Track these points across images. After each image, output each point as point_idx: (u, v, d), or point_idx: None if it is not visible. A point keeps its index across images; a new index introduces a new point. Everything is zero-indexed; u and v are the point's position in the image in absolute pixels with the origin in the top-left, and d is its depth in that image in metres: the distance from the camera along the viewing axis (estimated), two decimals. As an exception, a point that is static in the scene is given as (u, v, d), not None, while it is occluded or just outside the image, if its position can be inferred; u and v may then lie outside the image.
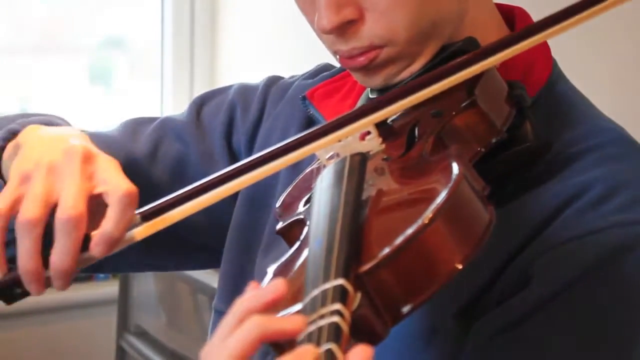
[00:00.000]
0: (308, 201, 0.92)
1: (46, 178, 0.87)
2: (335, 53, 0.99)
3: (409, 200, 0.82)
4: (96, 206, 0.86)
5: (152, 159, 1.17)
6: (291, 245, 0.89)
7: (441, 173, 0.80)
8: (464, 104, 0.90)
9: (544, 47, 1.04)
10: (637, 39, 1.86)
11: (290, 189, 0.99)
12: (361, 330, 0.69)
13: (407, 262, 0.72)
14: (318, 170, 0.95)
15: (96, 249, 0.84)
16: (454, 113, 0.90)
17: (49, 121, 1.06)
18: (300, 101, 1.14)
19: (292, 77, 1.24)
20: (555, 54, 1.06)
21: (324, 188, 0.83)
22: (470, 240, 0.74)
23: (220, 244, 1.18)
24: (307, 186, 0.95)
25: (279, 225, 0.93)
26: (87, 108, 3.11)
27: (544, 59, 1.03)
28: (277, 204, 0.98)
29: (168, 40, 3.00)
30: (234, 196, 1.16)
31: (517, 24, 1.05)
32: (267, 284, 0.73)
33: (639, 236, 0.90)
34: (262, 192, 1.14)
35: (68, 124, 1.16)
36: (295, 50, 2.62)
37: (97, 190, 0.87)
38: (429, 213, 0.72)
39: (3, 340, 2.82)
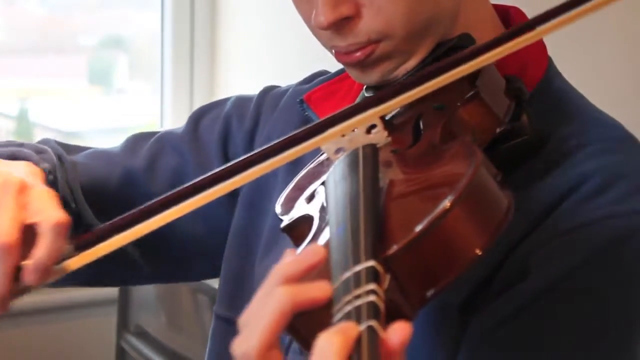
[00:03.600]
0: (311, 198, 0.93)
1: None
2: (331, 49, 1.00)
3: (426, 186, 0.83)
4: (30, 237, 0.88)
5: (150, 173, 1.20)
6: (298, 242, 0.89)
7: (459, 158, 0.81)
8: (467, 96, 0.92)
9: (539, 44, 1.05)
10: (630, 36, 1.86)
11: (291, 187, 0.99)
12: (391, 314, 0.69)
13: (431, 246, 0.73)
14: (321, 169, 0.95)
15: (28, 277, 0.86)
16: (458, 104, 0.92)
17: (13, 154, 1.08)
18: (297, 105, 1.15)
19: (288, 85, 1.25)
20: (550, 53, 1.07)
21: (338, 179, 0.84)
22: (490, 225, 0.75)
23: (220, 251, 1.19)
24: (309, 184, 0.96)
25: (284, 223, 0.94)
26: (87, 108, 3.11)
27: (540, 56, 1.04)
28: (279, 202, 0.98)
29: (168, 40, 3.00)
30: (234, 202, 1.17)
31: (512, 22, 1.06)
32: (301, 251, 0.74)
33: (636, 226, 0.90)
34: (260, 196, 1.15)
35: (50, 149, 1.17)
36: (295, 50, 2.62)
37: (30, 220, 0.88)
38: (451, 197, 0.73)
39: (3, 340, 2.82)
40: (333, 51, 1.00)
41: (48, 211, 0.88)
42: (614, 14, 1.86)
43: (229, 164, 0.88)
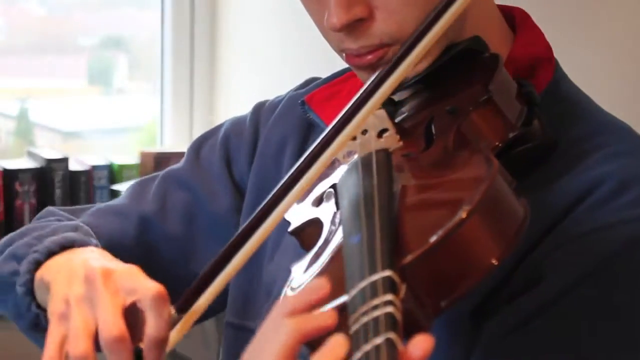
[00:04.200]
0: (320, 201, 0.92)
1: (79, 311, 0.90)
2: (342, 51, 0.99)
3: (441, 194, 0.82)
4: (135, 316, 0.89)
5: (162, 214, 1.19)
6: (307, 245, 0.89)
7: (474, 166, 0.80)
8: (481, 100, 0.91)
9: (546, 47, 1.05)
10: (636, 35, 1.86)
11: None
12: (407, 324, 0.69)
13: (447, 255, 0.72)
14: (329, 168, 0.94)
15: (150, 355, 0.86)
16: (471, 108, 0.91)
17: (68, 240, 1.06)
18: (298, 107, 1.15)
19: (278, 96, 1.24)
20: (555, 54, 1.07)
21: (350, 185, 0.83)
22: (507, 235, 0.75)
23: None
24: (315, 186, 0.95)
25: (292, 226, 0.93)
26: (87, 108, 3.11)
27: (547, 59, 1.04)
28: None
29: (168, 40, 2.99)
30: (238, 214, 1.17)
31: (518, 25, 1.06)
32: (307, 284, 0.73)
33: None
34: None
35: (84, 236, 1.14)
36: (296, 49, 2.62)
37: (128, 302, 0.89)
38: (467, 206, 0.73)
39: (3, 340, 2.81)
40: (343, 55, 0.99)
41: (142, 286, 0.89)
42: (616, 12, 1.86)
43: (269, 197, 0.88)
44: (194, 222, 1.19)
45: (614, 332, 0.89)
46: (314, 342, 0.69)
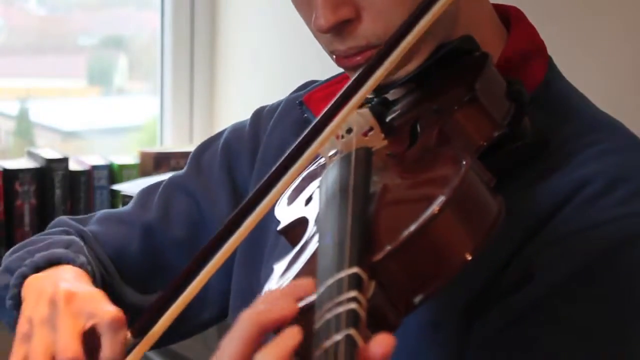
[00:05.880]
0: (308, 200, 0.93)
1: (40, 333, 0.93)
2: (332, 53, 1.00)
3: (416, 191, 0.83)
4: (93, 340, 0.92)
5: (166, 222, 1.22)
6: (294, 244, 0.89)
7: (448, 164, 0.81)
8: (465, 99, 0.91)
9: (540, 45, 1.05)
10: (634, 38, 1.86)
11: (290, 190, 0.99)
12: (375, 320, 0.69)
13: (419, 251, 0.72)
14: (319, 169, 0.95)
15: None
16: (455, 108, 0.91)
17: (55, 256, 1.09)
18: (297, 107, 1.15)
19: (277, 101, 1.25)
20: (550, 53, 1.06)
21: (330, 183, 0.84)
22: (480, 230, 0.75)
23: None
24: (306, 186, 0.96)
25: (280, 226, 0.94)
26: (87, 108, 3.11)
27: (540, 57, 1.04)
28: (277, 205, 0.98)
29: (168, 40, 3.00)
30: None
31: (512, 23, 1.05)
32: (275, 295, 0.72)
33: None
34: None
35: (73, 230, 1.20)
36: (295, 49, 2.62)
37: (88, 325, 0.92)
38: (438, 203, 0.73)
39: (3, 340, 2.81)
40: (334, 56, 0.99)
41: (100, 310, 0.92)
42: (615, 10, 1.86)
43: (244, 201, 0.88)
44: (197, 227, 1.21)
45: (605, 330, 0.89)
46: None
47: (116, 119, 3.09)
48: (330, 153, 0.90)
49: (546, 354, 0.88)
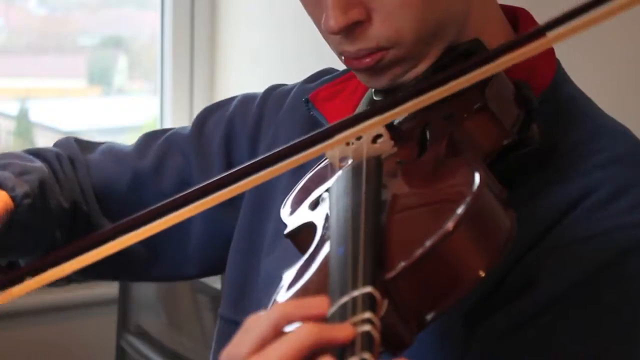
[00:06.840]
0: (315, 204, 0.92)
1: None
2: (341, 54, 0.99)
3: (429, 206, 0.81)
4: None
5: (158, 173, 1.23)
6: (302, 249, 0.88)
7: (461, 178, 0.79)
8: (475, 107, 0.90)
9: (548, 49, 1.04)
10: (636, 36, 1.86)
11: (296, 191, 0.98)
12: (388, 338, 0.68)
13: (432, 269, 0.71)
14: (326, 173, 0.94)
15: None
16: (465, 115, 0.90)
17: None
18: (303, 104, 1.15)
19: (293, 84, 1.24)
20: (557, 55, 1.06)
21: (340, 193, 0.83)
22: (493, 246, 0.74)
23: (224, 253, 1.19)
24: (313, 189, 0.95)
25: (287, 230, 0.93)
26: (87, 108, 3.11)
27: (548, 60, 1.03)
28: (284, 206, 0.97)
29: (168, 40, 3.00)
30: (236, 205, 1.17)
31: (521, 25, 1.05)
32: (309, 299, 0.71)
33: None
34: (264, 198, 1.15)
35: (64, 151, 1.27)
36: (296, 49, 2.62)
37: None
38: (452, 220, 0.72)
39: (3, 340, 2.81)
40: (342, 57, 0.99)
41: None
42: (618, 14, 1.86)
43: (233, 170, 0.86)
44: (184, 187, 1.18)
45: (609, 337, 0.89)
46: None
47: (116, 119, 3.09)
48: (338, 159, 0.89)
49: (551, 359, 0.88)
